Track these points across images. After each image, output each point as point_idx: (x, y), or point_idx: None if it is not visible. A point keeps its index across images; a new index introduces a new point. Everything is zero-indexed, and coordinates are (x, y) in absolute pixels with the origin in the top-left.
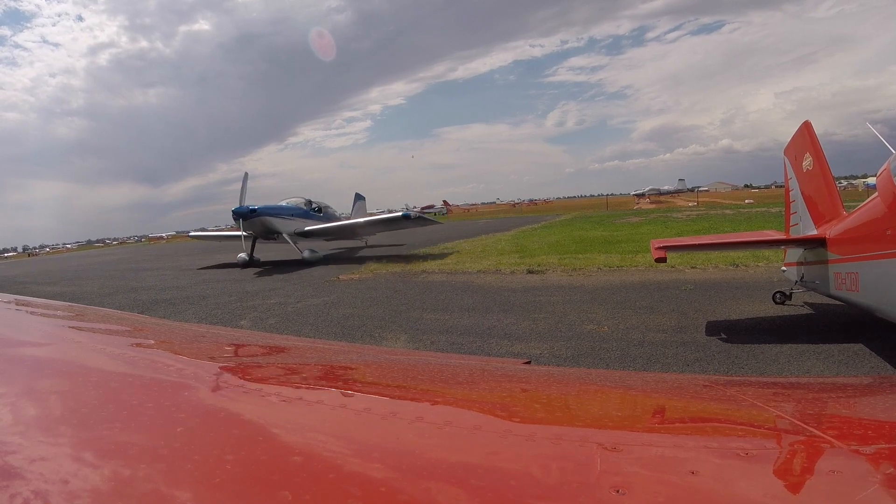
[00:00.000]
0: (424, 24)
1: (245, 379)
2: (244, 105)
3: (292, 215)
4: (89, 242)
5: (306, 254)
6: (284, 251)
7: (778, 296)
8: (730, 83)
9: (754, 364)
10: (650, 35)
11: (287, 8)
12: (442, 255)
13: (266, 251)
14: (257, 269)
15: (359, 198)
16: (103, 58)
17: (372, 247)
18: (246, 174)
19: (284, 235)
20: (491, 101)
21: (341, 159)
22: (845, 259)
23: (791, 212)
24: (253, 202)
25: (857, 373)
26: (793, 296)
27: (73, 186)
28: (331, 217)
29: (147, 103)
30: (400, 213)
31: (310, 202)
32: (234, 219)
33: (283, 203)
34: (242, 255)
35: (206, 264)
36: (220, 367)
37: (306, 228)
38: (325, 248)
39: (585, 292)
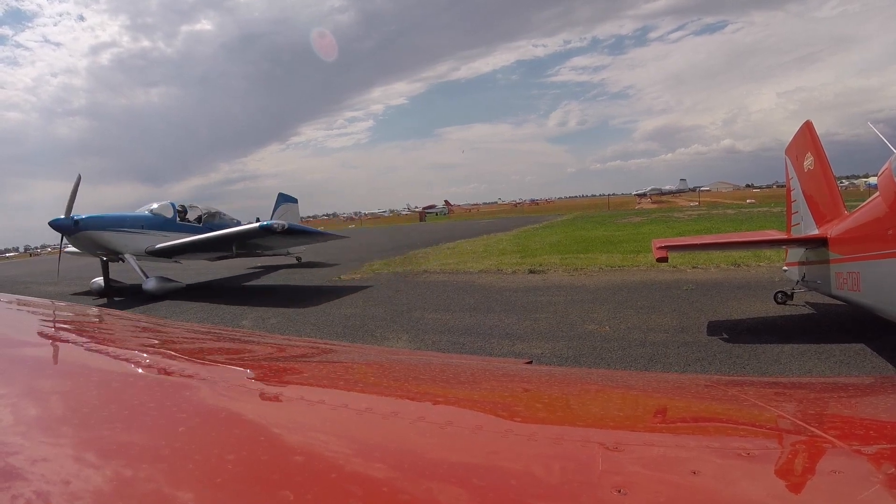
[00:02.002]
0: (427, 24)
1: (246, 378)
2: (246, 105)
3: (142, 227)
4: None
5: (150, 283)
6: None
7: (779, 296)
8: (732, 83)
9: (756, 364)
10: (653, 35)
11: (289, 7)
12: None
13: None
14: (259, 269)
15: (285, 199)
16: (105, 57)
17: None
18: (79, 176)
19: (126, 256)
20: (493, 100)
21: (343, 159)
22: (847, 259)
23: (792, 211)
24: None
25: (859, 373)
26: (794, 295)
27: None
28: (221, 227)
29: (149, 103)
30: (257, 226)
31: (180, 209)
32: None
33: (146, 211)
34: (97, 281)
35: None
36: (222, 367)
37: (158, 246)
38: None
39: (587, 292)
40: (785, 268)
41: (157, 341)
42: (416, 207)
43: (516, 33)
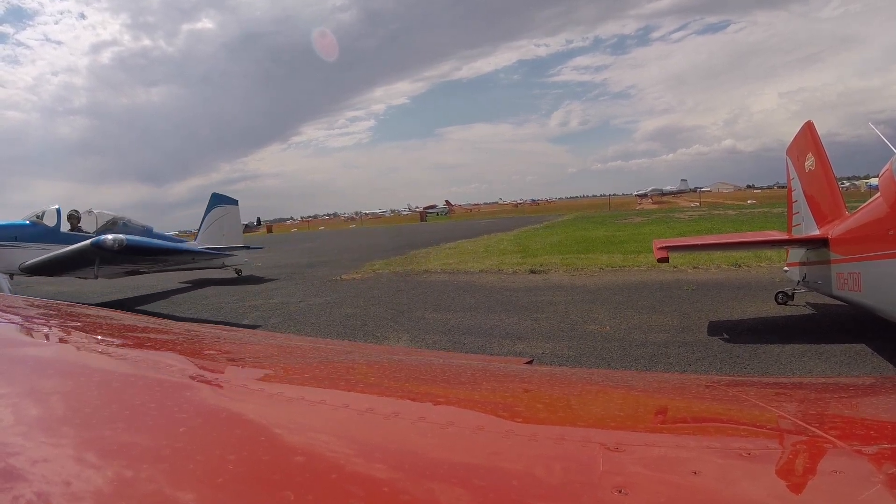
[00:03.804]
0: (429, 23)
1: (247, 378)
2: (247, 104)
3: (15, 239)
4: None
5: None
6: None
7: (780, 296)
8: (734, 83)
9: (756, 364)
10: (655, 35)
11: (291, 7)
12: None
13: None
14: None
15: (220, 201)
16: (106, 56)
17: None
18: None
19: None
20: (495, 100)
21: (344, 159)
22: (847, 259)
23: (793, 212)
24: None
25: (859, 373)
26: (795, 296)
27: (76, 186)
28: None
29: (150, 102)
30: (87, 243)
31: (72, 215)
32: None
33: (27, 220)
34: None
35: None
36: (222, 367)
37: (29, 263)
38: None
39: (588, 292)
40: (786, 268)
41: (157, 341)
42: (417, 207)
43: (518, 33)
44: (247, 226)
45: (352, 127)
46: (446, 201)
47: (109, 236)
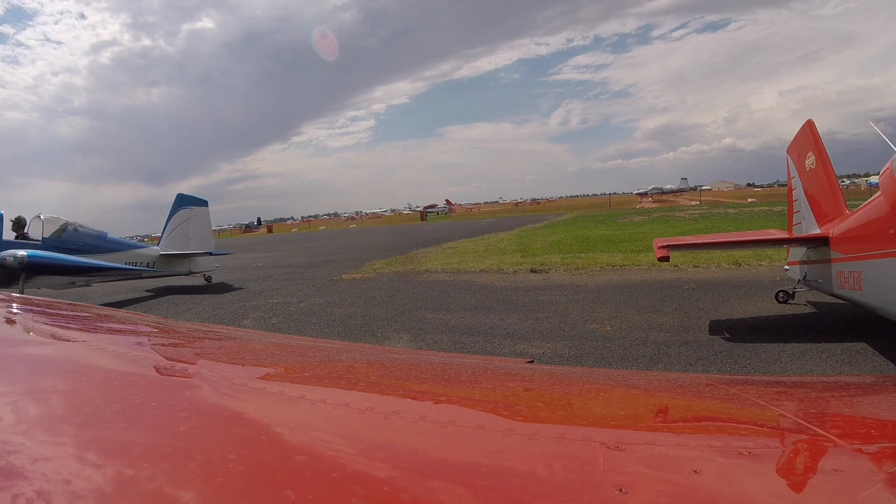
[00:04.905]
0: (430, 23)
1: (248, 378)
2: (248, 104)
3: None
4: None
5: None
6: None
7: (781, 295)
8: (734, 81)
9: (757, 363)
10: (656, 33)
11: (291, 6)
12: None
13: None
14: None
15: (186, 203)
16: (106, 56)
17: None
18: None
19: None
20: (495, 99)
21: (345, 159)
22: (848, 258)
23: (794, 211)
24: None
25: (860, 372)
26: (796, 295)
27: (77, 186)
28: (73, 244)
29: (150, 102)
30: None
31: (15, 221)
32: None
33: None
34: None
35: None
36: (223, 366)
37: None
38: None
39: (588, 291)
40: (786, 267)
41: (158, 340)
42: (418, 207)
43: (519, 32)
44: (247, 226)
45: (352, 126)
46: (447, 200)
47: (19, 252)
